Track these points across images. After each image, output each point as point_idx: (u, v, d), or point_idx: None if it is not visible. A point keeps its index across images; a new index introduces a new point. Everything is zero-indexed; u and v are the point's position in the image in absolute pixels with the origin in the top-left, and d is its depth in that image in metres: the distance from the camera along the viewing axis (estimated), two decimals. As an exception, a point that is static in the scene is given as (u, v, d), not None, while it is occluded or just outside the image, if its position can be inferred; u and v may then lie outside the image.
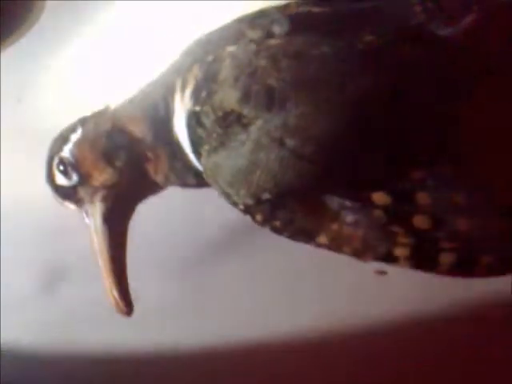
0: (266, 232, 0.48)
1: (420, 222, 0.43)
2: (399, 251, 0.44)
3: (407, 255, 0.44)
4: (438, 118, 0.44)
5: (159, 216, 0.64)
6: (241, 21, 0.51)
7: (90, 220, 0.56)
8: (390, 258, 0.45)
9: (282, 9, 0.50)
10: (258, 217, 0.47)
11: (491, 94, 0.44)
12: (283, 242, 0.48)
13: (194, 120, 0.49)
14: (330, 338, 0.62)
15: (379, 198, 0.44)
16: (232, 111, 0.46)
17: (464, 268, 0.44)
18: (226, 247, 0.61)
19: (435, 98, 0.44)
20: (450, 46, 0.46)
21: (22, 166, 0.72)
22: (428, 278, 0.45)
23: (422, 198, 0.43)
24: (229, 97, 0.47)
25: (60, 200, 0.57)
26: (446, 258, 0.44)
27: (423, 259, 0.44)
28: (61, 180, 0.56)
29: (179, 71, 0.52)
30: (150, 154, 0.54)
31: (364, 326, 0.61)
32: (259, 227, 0.48)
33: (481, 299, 0.56)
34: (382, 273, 0.52)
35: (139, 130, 0.54)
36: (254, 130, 0.45)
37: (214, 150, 0.48)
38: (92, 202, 0.56)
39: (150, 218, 0.61)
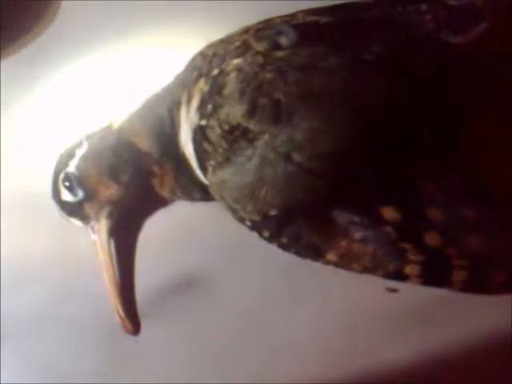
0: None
1: (431, 238, 0.42)
2: (410, 269, 0.43)
3: (418, 273, 0.43)
4: (449, 131, 0.43)
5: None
6: (246, 31, 0.50)
7: (95, 237, 0.55)
8: (400, 276, 0.43)
9: (288, 19, 0.50)
10: (265, 233, 0.46)
11: (503, 105, 0.43)
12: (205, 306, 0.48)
13: (200, 134, 0.48)
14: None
15: (389, 213, 0.42)
16: (238, 125, 0.46)
17: (477, 285, 0.43)
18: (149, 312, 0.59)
19: (445, 111, 0.43)
20: (461, 56, 0.45)
21: None
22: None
23: (433, 213, 0.42)
24: (235, 110, 0.46)
25: (66, 217, 0.56)
26: (459, 276, 0.42)
27: (435, 277, 0.43)
28: (66, 196, 0.56)
29: (185, 84, 0.51)
30: (155, 169, 0.53)
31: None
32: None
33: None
34: (393, 290, 0.51)
35: (145, 144, 0.53)
36: (260, 144, 0.44)
37: (220, 165, 0.47)
38: (98, 218, 0.55)
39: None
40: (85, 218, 0.56)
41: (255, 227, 0.46)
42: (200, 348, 0.56)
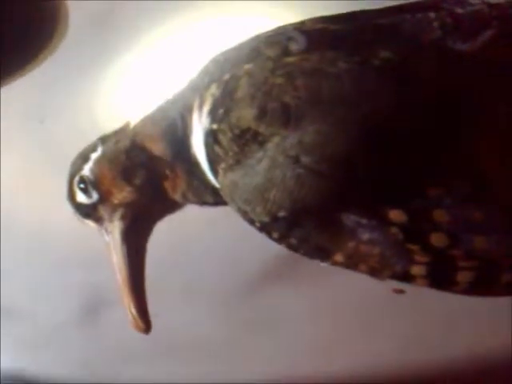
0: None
1: (437, 239, 0.43)
2: (416, 269, 0.43)
3: (424, 274, 0.43)
4: (457, 135, 0.43)
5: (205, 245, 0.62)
6: (257, 38, 0.51)
7: (109, 238, 0.56)
8: (406, 277, 0.44)
9: (298, 26, 0.50)
10: (274, 234, 0.46)
11: (511, 108, 0.43)
12: (340, 274, 0.47)
13: (212, 138, 0.49)
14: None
15: (396, 215, 0.43)
16: (248, 129, 0.46)
17: (482, 287, 0.43)
18: (278, 278, 0.59)
19: (454, 115, 0.44)
20: (467, 62, 0.45)
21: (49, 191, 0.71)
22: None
23: (439, 214, 0.43)
24: (245, 114, 0.47)
25: (80, 218, 0.57)
26: (464, 277, 0.43)
27: (440, 278, 0.43)
28: (81, 198, 0.57)
29: (197, 89, 0.52)
30: (168, 172, 0.54)
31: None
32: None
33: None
34: (400, 291, 0.51)
35: (158, 147, 0.54)
36: (270, 147, 0.45)
37: (231, 167, 0.48)
38: (111, 220, 0.56)
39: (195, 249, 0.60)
40: (98, 220, 0.57)
41: (264, 228, 0.46)
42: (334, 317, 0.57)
